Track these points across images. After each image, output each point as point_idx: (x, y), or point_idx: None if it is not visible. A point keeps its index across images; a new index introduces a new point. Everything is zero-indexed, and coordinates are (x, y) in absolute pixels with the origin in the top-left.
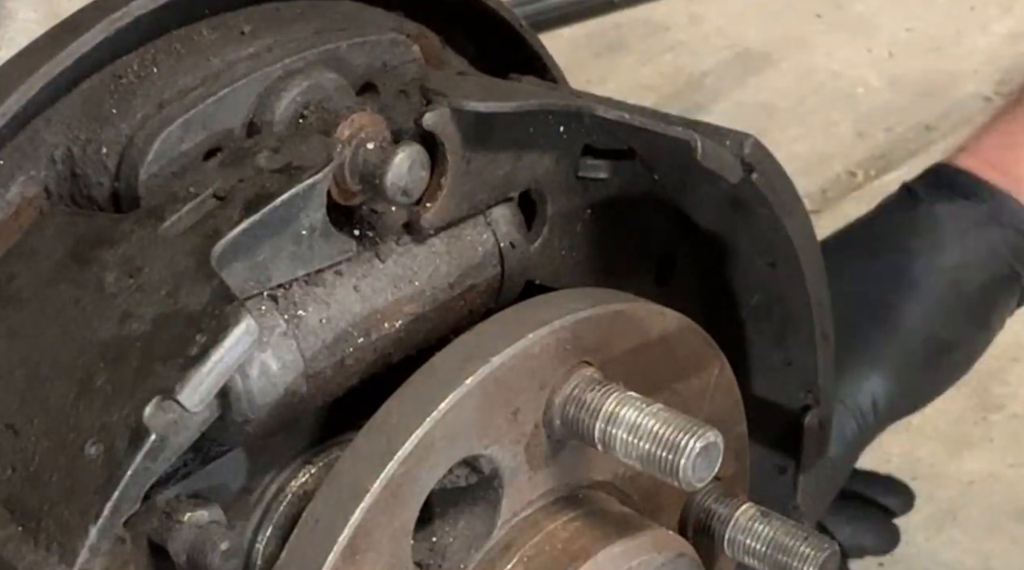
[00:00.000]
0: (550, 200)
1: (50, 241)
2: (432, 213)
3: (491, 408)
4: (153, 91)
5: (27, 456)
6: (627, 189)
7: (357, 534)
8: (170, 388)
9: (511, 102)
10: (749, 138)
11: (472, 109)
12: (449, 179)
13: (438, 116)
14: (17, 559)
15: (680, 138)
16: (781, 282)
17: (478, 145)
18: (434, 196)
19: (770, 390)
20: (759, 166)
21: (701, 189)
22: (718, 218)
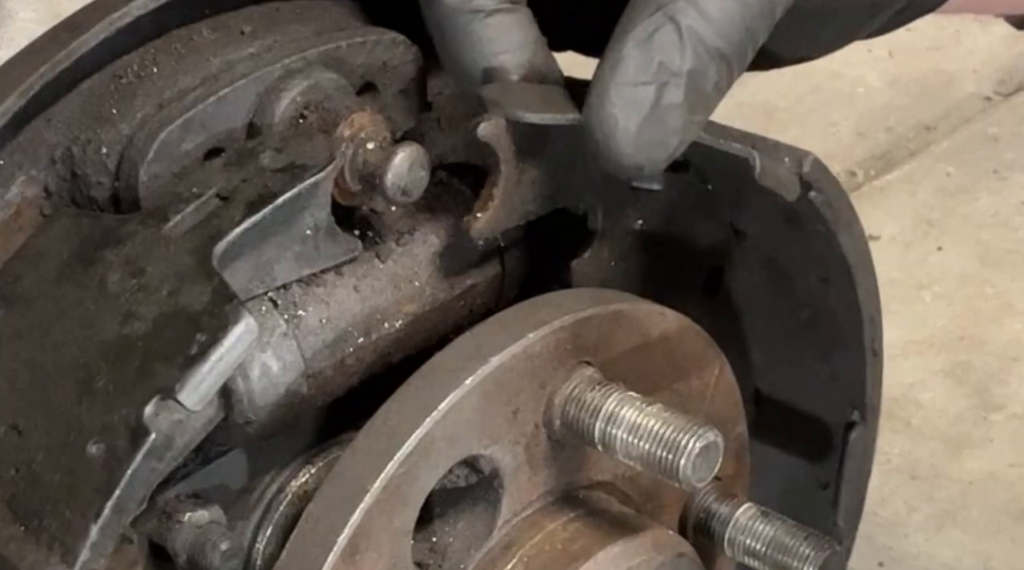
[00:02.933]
0: (601, 211)
1: (56, 242)
2: (482, 223)
3: (491, 408)
4: (153, 91)
5: (30, 456)
6: (679, 200)
7: (357, 534)
8: (170, 387)
9: (568, 114)
10: (809, 156)
11: (528, 121)
12: (501, 190)
13: (493, 126)
14: (19, 559)
15: (739, 155)
16: (832, 297)
17: (531, 156)
18: (485, 206)
19: (814, 404)
20: (817, 184)
21: (755, 202)
22: (771, 231)
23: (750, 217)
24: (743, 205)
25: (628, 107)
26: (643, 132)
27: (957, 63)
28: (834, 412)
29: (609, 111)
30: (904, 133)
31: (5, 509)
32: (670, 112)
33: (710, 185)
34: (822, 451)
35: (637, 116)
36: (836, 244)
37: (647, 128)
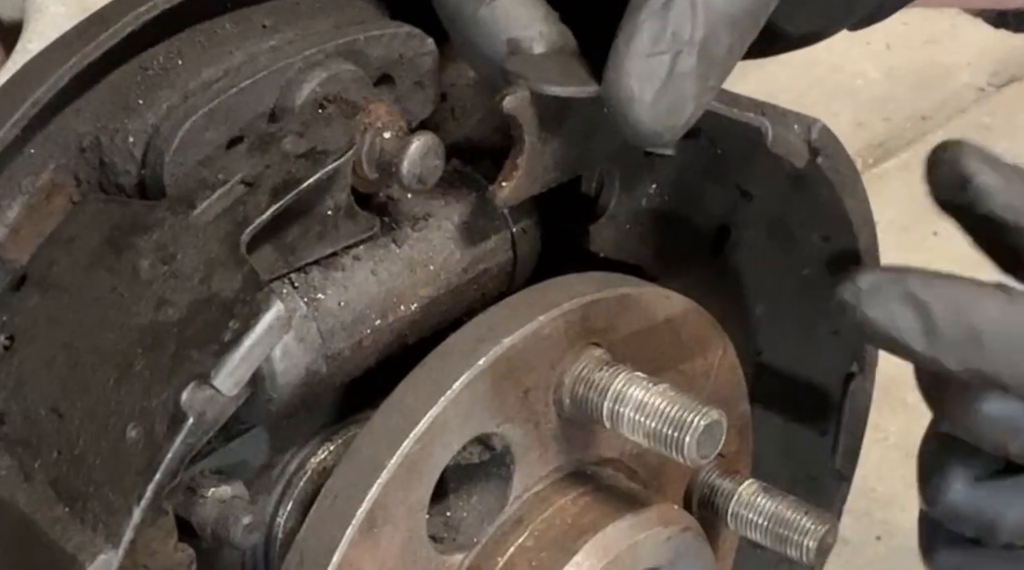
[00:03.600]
0: (618, 177)
1: (86, 228)
2: (507, 192)
3: (503, 388)
4: (178, 82)
5: (72, 439)
6: (690, 164)
7: (374, 509)
8: (206, 373)
9: (589, 86)
10: (817, 123)
11: (552, 94)
12: (525, 160)
13: (518, 100)
14: (65, 540)
15: (751, 124)
16: (834, 257)
17: (555, 126)
18: (510, 176)
19: (816, 359)
20: (825, 150)
21: (762, 166)
22: (777, 194)
23: (757, 180)
24: (751, 169)
25: (643, 77)
26: (659, 101)
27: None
28: (835, 365)
29: (625, 82)
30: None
31: (49, 490)
32: (684, 80)
33: (720, 150)
34: (822, 403)
35: (652, 86)
36: (841, 206)
37: (663, 97)
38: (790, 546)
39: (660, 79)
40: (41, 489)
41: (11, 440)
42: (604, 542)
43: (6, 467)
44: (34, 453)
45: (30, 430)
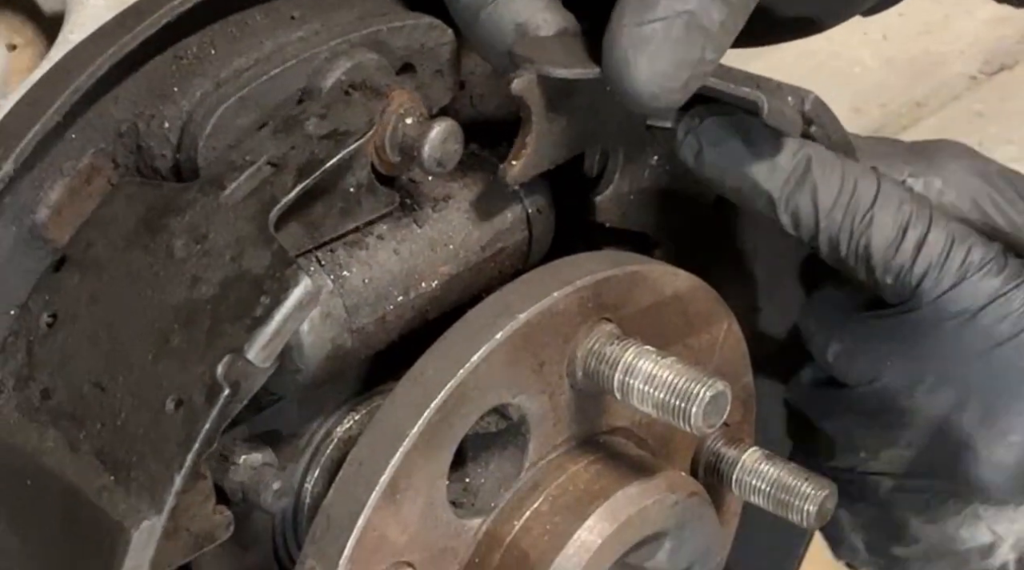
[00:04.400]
0: (622, 151)
1: (122, 210)
2: (517, 170)
3: (519, 361)
4: (211, 71)
5: (114, 412)
6: None
7: (397, 475)
8: (240, 347)
9: (594, 69)
10: (810, 95)
11: (556, 76)
12: (533, 138)
13: (525, 82)
14: (111, 507)
15: (748, 98)
16: None
17: (561, 106)
18: (519, 154)
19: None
20: (818, 119)
21: None
22: None
23: None
24: None
25: (636, 44)
26: (652, 65)
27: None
28: None
29: (620, 49)
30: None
31: (95, 460)
32: (675, 47)
33: None
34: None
35: (645, 51)
36: None
37: (655, 62)
38: (791, 511)
39: (652, 45)
40: (87, 459)
41: (57, 413)
42: (614, 507)
43: (53, 439)
44: (79, 425)
45: (75, 404)
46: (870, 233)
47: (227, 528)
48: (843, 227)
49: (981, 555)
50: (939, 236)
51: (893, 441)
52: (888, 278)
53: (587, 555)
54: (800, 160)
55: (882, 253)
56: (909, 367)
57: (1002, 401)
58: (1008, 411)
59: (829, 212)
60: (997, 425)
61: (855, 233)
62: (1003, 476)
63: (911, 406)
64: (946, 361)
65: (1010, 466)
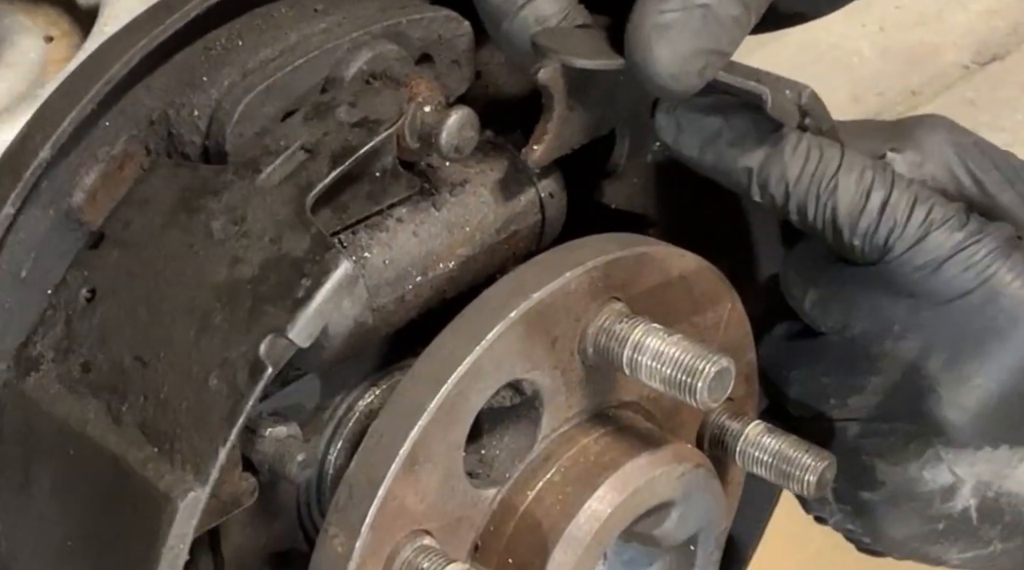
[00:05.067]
0: (629, 137)
1: (159, 190)
2: (538, 154)
3: (532, 338)
4: (238, 61)
5: (157, 386)
6: None
7: (416, 447)
8: (282, 327)
9: (616, 60)
10: (807, 89)
11: (580, 66)
12: (554, 125)
13: (550, 72)
14: (156, 478)
15: (754, 91)
16: None
17: (580, 95)
18: (540, 139)
19: None
20: (813, 112)
21: None
22: None
23: None
24: None
25: (658, 30)
26: (673, 50)
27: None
28: None
29: (644, 34)
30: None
31: (138, 432)
32: (694, 35)
33: None
34: None
35: (665, 37)
36: None
37: (676, 48)
38: (792, 481)
39: (672, 31)
40: (129, 431)
41: (98, 386)
42: (623, 478)
43: (94, 410)
44: (121, 398)
45: (116, 377)
46: (835, 198)
47: (252, 494)
48: (810, 194)
49: (943, 498)
50: (901, 197)
51: (861, 387)
52: (855, 240)
53: (597, 523)
54: (769, 136)
55: (847, 217)
56: (879, 315)
57: (967, 347)
58: (972, 356)
59: (796, 181)
60: (961, 370)
61: (821, 199)
62: (965, 418)
63: (880, 352)
64: (913, 310)
65: (972, 408)
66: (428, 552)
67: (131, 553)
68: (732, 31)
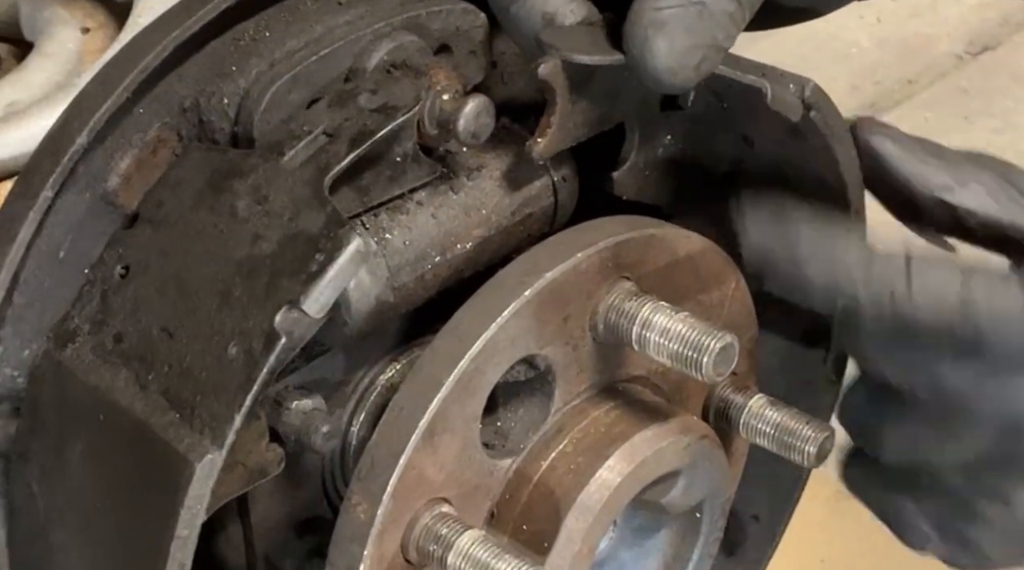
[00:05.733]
0: (638, 130)
1: (190, 173)
2: (542, 147)
3: (546, 315)
4: (266, 52)
5: (181, 355)
6: (700, 117)
7: (435, 419)
8: (296, 299)
9: (614, 56)
10: (810, 83)
11: (579, 62)
12: (557, 118)
13: (551, 67)
14: (177, 441)
15: (754, 86)
16: (827, 193)
17: (583, 89)
18: (544, 133)
19: None
20: (816, 105)
21: (764, 118)
22: (777, 141)
23: (760, 130)
24: (754, 120)
25: (656, 25)
26: (670, 45)
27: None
28: None
29: (641, 29)
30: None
31: (162, 399)
32: (690, 31)
33: (726, 105)
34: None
35: (663, 32)
36: (831, 151)
37: (673, 43)
38: (793, 451)
39: (669, 27)
40: (155, 398)
41: (128, 356)
42: (632, 448)
43: (124, 379)
44: (148, 367)
45: (145, 347)
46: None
47: (279, 464)
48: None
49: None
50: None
51: (959, 438)
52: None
53: (608, 492)
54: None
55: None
56: (971, 381)
57: None
58: None
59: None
60: None
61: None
62: None
63: (977, 406)
64: (1006, 373)
65: None
66: (446, 519)
67: (154, 512)
68: (727, 26)
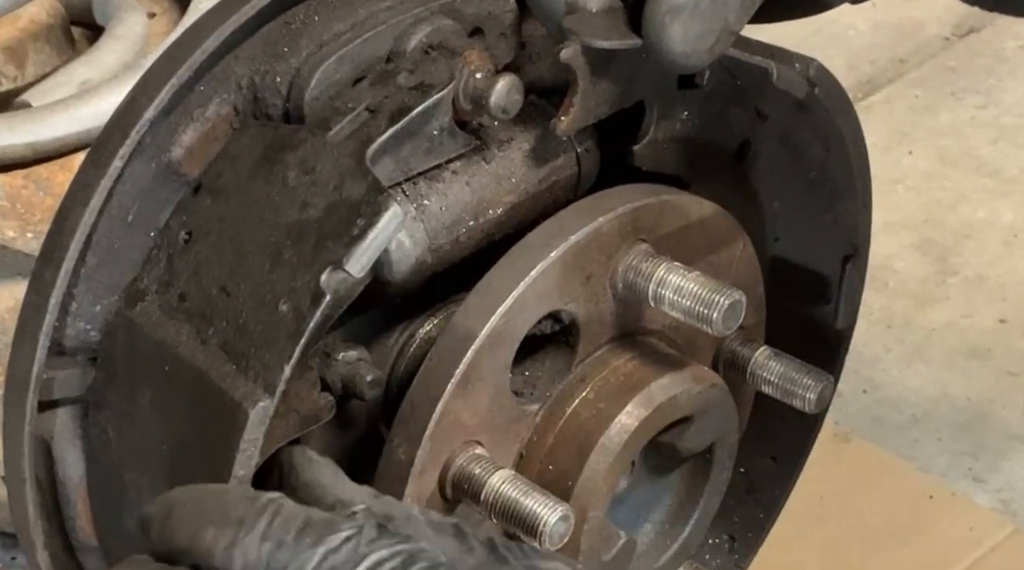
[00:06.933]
0: (656, 106)
1: (246, 147)
2: (565, 124)
3: (570, 274)
4: (315, 34)
5: (237, 312)
6: (715, 93)
7: (469, 370)
8: (339, 260)
9: (631, 40)
10: (814, 62)
11: (599, 46)
12: (579, 98)
13: (572, 52)
14: (233, 390)
15: (760, 66)
16: (833, 163)
17: (603, 70)
18: (567, 111)
19: (820, 241)
20: (820, 83)
21: (773, 93)
22: (786, 114)
23: (771, 104)
24: (765, 96)
25: (672, 12)
26: (685, 30)
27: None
28: (835, 249)
29: (659, 15)
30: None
31: (220, 352)
32: (704, 16)
33: (739, 82)
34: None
35: (679, 17)
36: (836, 125)
37: (688, 26)
38: (795, 398)
39: (684, 13)
40: (214, 351)
41: (190, 313)
42: (649, 395)
43: (186, 334)
44: (208, 323)
45: (205, 305)
46: None
47: (330, 410)
48: None
49: None
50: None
51: None
52: None
53: (626, 435)
54: None
55: None
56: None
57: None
58: None
59: None
60: None
61: None
62: None
63: None
64: None
65: None
66: (479, 460)
67: (213, 454)
68: (738, 11)
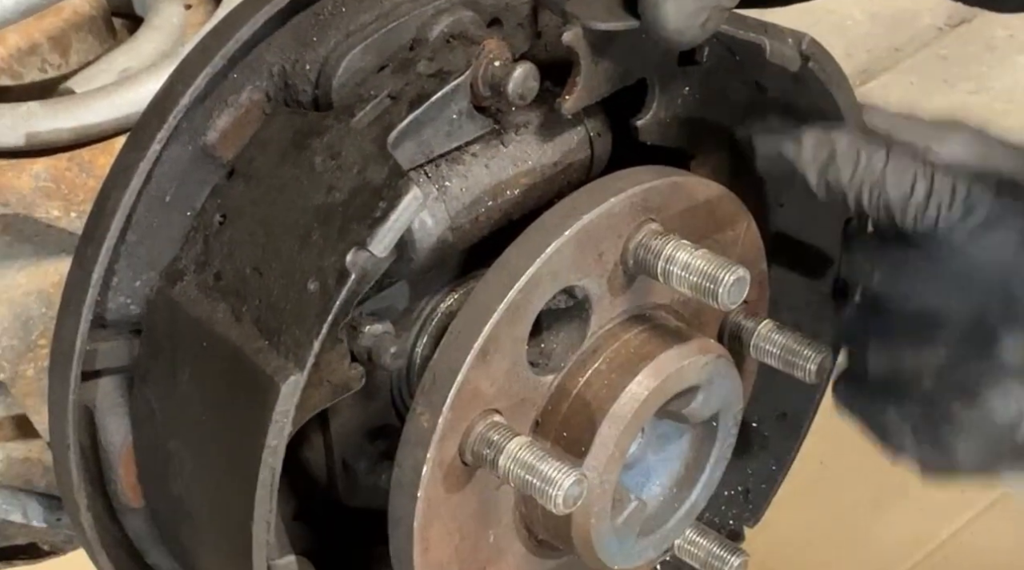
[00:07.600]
0: (658, 83)
1: (276, 133)
2: (569, 103)
3: (583, 251)
4: (342, 25)
5: (268, 290)
6: (715, 68)
7: (487, 341)
8: (363, 241)
9: (629, 21)
10: (806, 36)
11: (598, 28)
12: (582, 78)
13: (573, 34)
14: (265, 364)
15: (754, 42)
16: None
17: (604, 51)
18: (571, 91)
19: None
20: (814, 56)
21: (772, 67)
22: (784, 88)
23: (769, 77)
24: (763, 69)
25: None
26: (679, 8)
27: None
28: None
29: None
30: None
31: (254, 328)
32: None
33: (738, 57)
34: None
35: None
36: (831, 96)
37: (680, 6)
38: (796, 369)
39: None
40: (247, 327)
41: (226, 291)
42: (658, 366)
43: (222, 311)
44: (242, 301)
45: (239, 284)
46: (886, 192)
47: (360, 380)
48: (863, 191)
49: (1011, 429)
50: (942, 182)
51: (931, 341)
52: (908, 224)
53: (636, 404)
54: (827, 146)
55: (899, 206)
56: (939, 283)
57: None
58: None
59: (850, 181)
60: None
61: (873, 193)
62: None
63: (945, 311)
64: (966, 272)
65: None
66: (497, 427)
67: (248, 425)
68: None
